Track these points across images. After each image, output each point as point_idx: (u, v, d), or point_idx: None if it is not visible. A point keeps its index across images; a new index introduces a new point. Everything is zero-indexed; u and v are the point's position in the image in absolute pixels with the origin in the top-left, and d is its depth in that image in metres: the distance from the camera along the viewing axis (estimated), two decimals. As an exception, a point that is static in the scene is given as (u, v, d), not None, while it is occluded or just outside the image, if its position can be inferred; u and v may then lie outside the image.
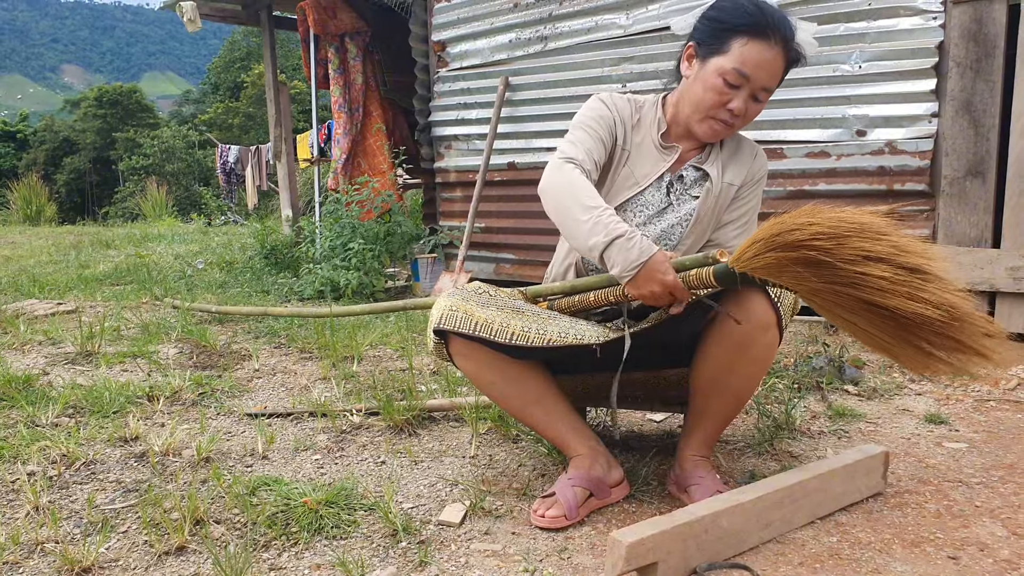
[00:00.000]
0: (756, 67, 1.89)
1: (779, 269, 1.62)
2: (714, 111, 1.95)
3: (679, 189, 2.07)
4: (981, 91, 3.57)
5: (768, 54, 1.89)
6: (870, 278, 1.54)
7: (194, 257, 7.63)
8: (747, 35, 1.88)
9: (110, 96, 44.03)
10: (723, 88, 1.92)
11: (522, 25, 5.36)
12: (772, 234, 1.61)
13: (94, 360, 3.38)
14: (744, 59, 1.89)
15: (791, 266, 1.60)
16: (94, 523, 1.87)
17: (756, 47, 1.88)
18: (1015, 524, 1.86)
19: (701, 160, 2.08)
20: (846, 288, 1.58)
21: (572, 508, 1.86)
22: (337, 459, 2.32)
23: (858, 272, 1.55)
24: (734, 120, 1.96)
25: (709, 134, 2.01)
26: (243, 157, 13.87)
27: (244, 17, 7.81)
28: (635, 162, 2.07)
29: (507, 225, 5.61)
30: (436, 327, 1.90)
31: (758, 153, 2.16)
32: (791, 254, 1.59)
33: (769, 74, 1.91)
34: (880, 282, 1.54)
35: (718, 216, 2.10)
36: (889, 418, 2.72)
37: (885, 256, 1.55)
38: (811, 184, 4.11)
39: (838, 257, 1.56)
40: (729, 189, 2.09)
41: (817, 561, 1.68)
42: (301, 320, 4.16)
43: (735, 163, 2.10)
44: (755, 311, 1.82)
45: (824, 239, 1.55)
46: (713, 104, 1.94)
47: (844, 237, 1.55)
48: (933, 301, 1.55)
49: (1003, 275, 3.51)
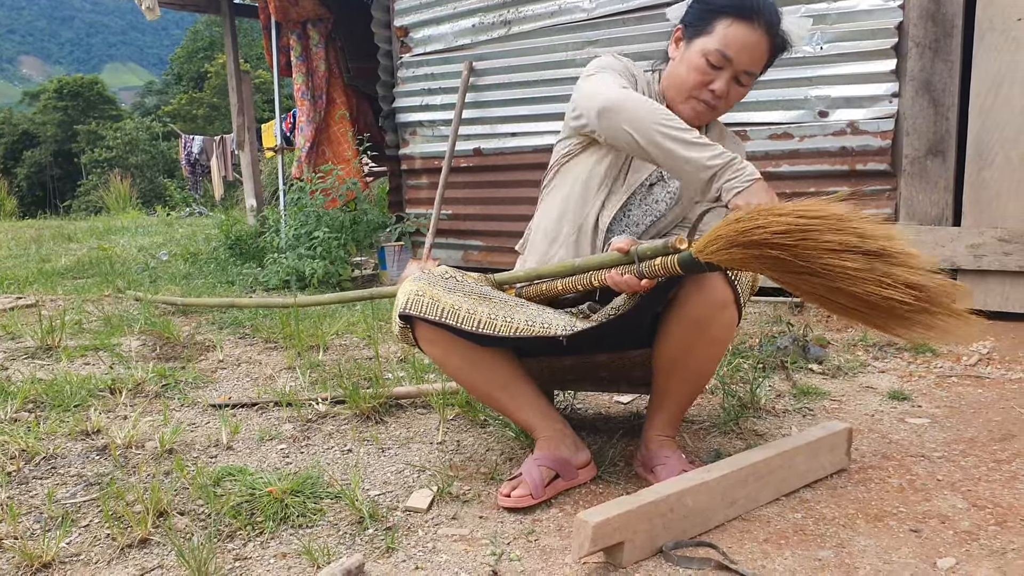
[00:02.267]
0: (739, 49, 1.91)
1: (743, 263, 1.62)
2: (697, 91, 1.97)
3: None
4: (940, 71, 3.60)
5: (751, 37, 1.91)
6: (836, 268, 1.54)
7: (158, 249, 7.54)
8: (732, 16, 1.90)
9: (71, 88, 43.22)
10: (706, 68, 1.94)
11: (485, 9, 5.33)
12: (733, 231, 1.59)
13: (55, 354, 3.32)
14: (727, 40, 1.91)
15: (755, 261, 1.60)
16: (54, 518, 1.84)
17: (740, 29, 1.90)
18: (975, 496, 1.89)
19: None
20: (813, 278, 1.58)
21: (538, 487, 1.86)
22: (303, 448, 2.30)
23: (825, 264, 1.55)
24: (716, 102, 1.97)
25: (692, 115, 2.00)
26: (208, 148, 13.73)
27: (204, 5, 7.68)
28: None
29: (474, 212, 5.59)
30: (402, 312, 1.89)
31: (738, 145, 2.21)
32: (753, 251, 1.58)
33: (751, 57, 1.93)
34: (846, 271, 1.53)
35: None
36: (853, 395, 2.75)
37: (849, 246, 1.54)
38: (774, 166, 4.13)
39: (802, 251, 1.55)
40: None
41: (782, 537, 1.69)
42: (266, 310, 4.12)
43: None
44: (713, 290, 1.83)
45: (785, 236, 1.54)
46: (696, 84, 1.96)
47: (806, 232, 1.54)
48: (901, 284, 1.55)
49: (963, 252, 3.55)
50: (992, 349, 3.19)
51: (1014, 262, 3.44)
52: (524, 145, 5.18)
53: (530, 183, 4.80)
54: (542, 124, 5.05)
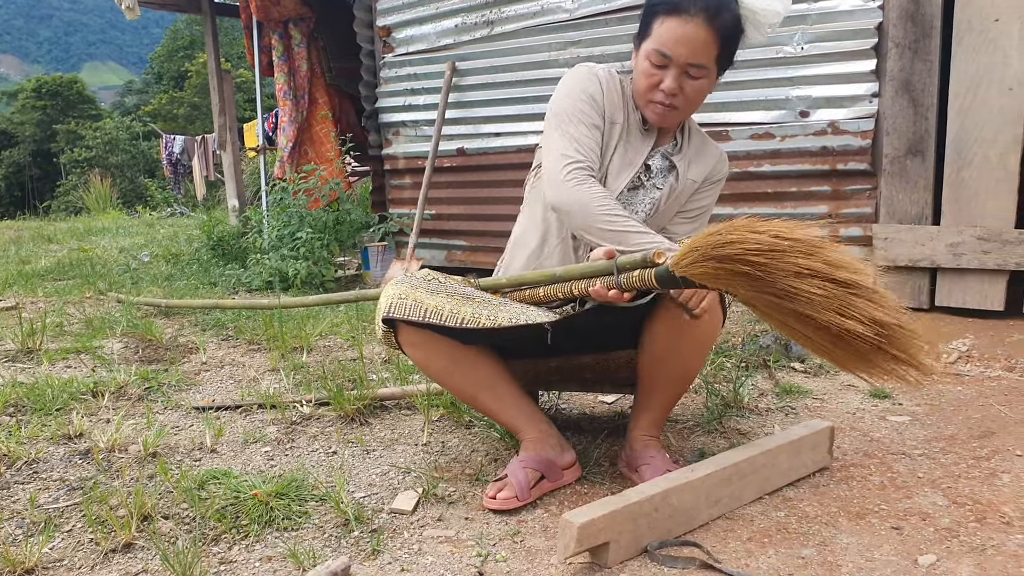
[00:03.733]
0: (674, 43, 1.89)
1: (715, 278, 1.61)
2: (650, 94, 1.97)
3: (646, 176, 2.09)
4: (920, 71, 3.63)
5: (683, 28, 1.88)
6: (802, 292, 1.54)
7: (139, 250, 7.48)
8: (663, 14, 1.91)
9: (49, 87, 42.80)
10: (651, 70, 1.95)
11: (468, 9, 5.32)
12: (709, 244, 1.59)
13: (36, 357, 3.30)
14: (662, 38, 1.91)
15: (726, 276, 1.60)
16: (37, 523, 1.83)
17: (671, 23, 1.89)
18: (955, 494, 1.91)
19: (672, 150, 2.11)
20: (780, 300, 1.58)
21: (523, 489, 1.86)
22: (287, 451, 2.30)
23: (791, 286, 1.55)
24: (671, 100, 1.96)
25: (656, 119, 2.02)
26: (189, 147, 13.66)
27: (185, 4, 7.63)
28: (628, 141, 2.07)
29: (458, 211, 5.59)
30: (385, 316, 1.88)
31: (722, 156, 2.21)
32: (726, 266, 1.57)
33: (689, 48, 1.89)
34: (812, 296, 1.54)
35: (675, 208, 2.14)
36: (835, 394, 2.77)
37: (818, 271, 1.54)
38: (756, 166, 4.16)
39: (772, 271, 1.55)
40: (692, 185, 2.13)
41: (766, 536, 1.71)
42: (249, 311, 4.11)
43: (699, 160, 2.14)
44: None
45: (757, 254, 1.54)
46: (647, 87, 1.97)
47: (778, 253, 1.54)
48: (863, 318, 1.55)
49: (943, 251, 3.58)
50: (971, 347, 3.22)
51: (992, 260, 3.47)
52: (507, 145, 5.19)
53: (513, 183, 4.80)
54: (525, 124, 5.06)
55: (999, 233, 3.46)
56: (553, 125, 2.04)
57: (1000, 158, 3.46)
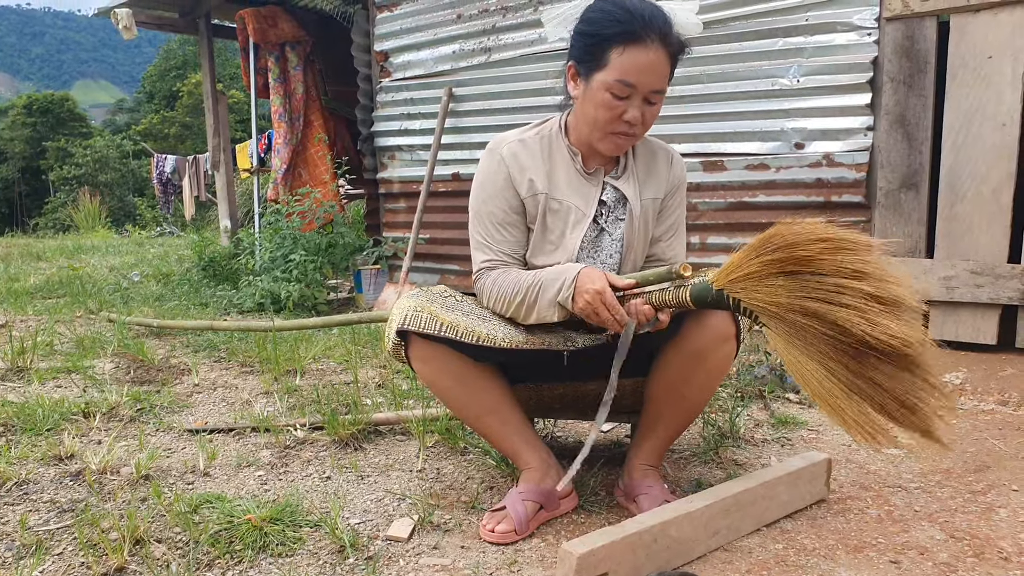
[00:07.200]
0: (639, 73, 1.80)
1: (759, 280, 1.62)
2: (611, 126, 1.87)
3: (605, 213, 2.01)
4: (914, 105, 3.67)
5: (647, 57, 1.79)
6: (848, 292, 1.56)
7: (129, 269, 7.45)
8: (622, 43, 1.79)
9: (40, 104, 42.71)
10: (612, 102, 1.83)
11: (465, 36, 5.36)
12: (759, 242, 1.64)
13: (26, 376, 3.26)
14: (624, 69, 1.80)
15: (771, 278, 1.61)
16: (27, 545, 1.80)
17: (633, 53, 1.79)
18: (952, 528, 1.90)
19: (616, 176, 2.02)
20: (817, 304, 1.58)
21: (522, 522, 1.85)
22: (281, 475, 2.27)
23: (839, 285, 1.57)
24: (633, 130, 1.87)
25: (614, 149, 1.93)
26: (180, 167, 13.61)
27: (182, 25, 7.65)
28: (569, 198, 1.98)
29: (452, 236, 5.59)
30: (400, 328, 1.87)
31: (674, 159, 2.10)
32: (778, 255, 1.61)
33: (655, 76, 1.82)
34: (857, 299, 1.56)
35: (648, 232, 2.06)
36: (830, 425, 2.77)
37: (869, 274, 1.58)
38: (751, 196, 4.18)
39: (822, 267, 1.58)
40: (653, 204, 2.05)
41: (764, 568, 1.70)
42: (242, 333, 4.09)
43: (652, 177, 2.05)
44: (715, 322, 1.84)
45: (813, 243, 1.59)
46: (608, 120, 1.86)
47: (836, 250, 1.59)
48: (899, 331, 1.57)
49: (936, 284, 3.60)
50: (965, 380, 3.23)
51: (985, 294, 3.49)
52: (502, 171, 5.19)
53: (508, 209, 4.80)
54: (520, 150, 5.06)
55: (992, 267, 3.48)
56: (471, 224, 2.04)
57: (993, 193, 3.49)
